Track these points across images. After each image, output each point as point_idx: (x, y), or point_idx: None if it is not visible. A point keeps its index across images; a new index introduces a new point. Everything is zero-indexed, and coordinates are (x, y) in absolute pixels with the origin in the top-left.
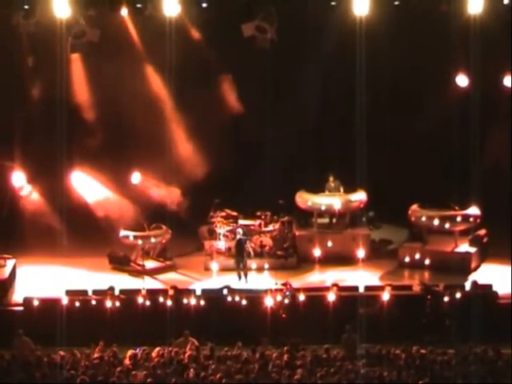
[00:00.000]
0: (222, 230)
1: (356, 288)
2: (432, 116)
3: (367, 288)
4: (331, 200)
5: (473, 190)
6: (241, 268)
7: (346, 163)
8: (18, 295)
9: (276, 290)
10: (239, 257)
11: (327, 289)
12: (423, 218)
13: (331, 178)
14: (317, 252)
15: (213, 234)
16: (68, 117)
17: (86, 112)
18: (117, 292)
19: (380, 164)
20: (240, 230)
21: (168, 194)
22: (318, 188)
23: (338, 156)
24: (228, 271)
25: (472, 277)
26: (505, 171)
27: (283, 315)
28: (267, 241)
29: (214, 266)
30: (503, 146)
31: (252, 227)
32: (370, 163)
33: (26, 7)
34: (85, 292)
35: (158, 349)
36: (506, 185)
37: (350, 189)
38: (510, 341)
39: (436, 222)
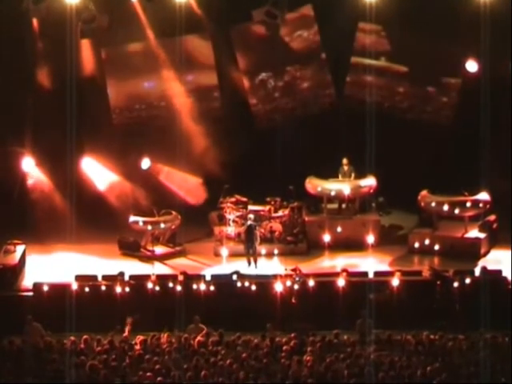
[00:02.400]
0: (231, 215)
1: (366, 274)
2: (442, 102)
3: (377, 274)
4: (341, 186)
5: (483, 175)
6: (250, 254)
7: (356, 149)
8: (27, 281)
9: (286, 275)
10: (249, 242)
11: (337, 274)
12: (433, 204)
13: (345, 161)
14: (326, 238)
15: (222, 220)
16: (78, 103)
17: (96, 98)
18: (126, 277)
19: (390, 149)
20: (251, 216)
21: (179, 180)
22: (328, 174)
23: (348, 142)
24: (238, 257)
25: (482, 262)
26: None
27: (293, 301)
28: (277, 226)
29: (224, 251)
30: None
31: (262, 213)
32: (380, 149)
33: None
34: (94, 277)
35: (167, 334)
36: None
37: (361, 174)
38: None
39: (446, 207)
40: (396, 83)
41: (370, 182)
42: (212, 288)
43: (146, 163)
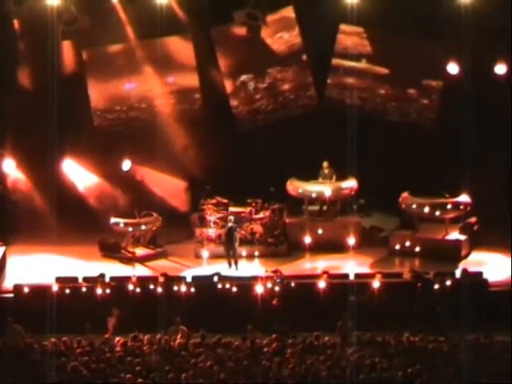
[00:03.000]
0: (212, 217)
1: (346, 275)
2: (423, 104)
3: (358, 275)
4: (322, 187)
5: (463, 177)
6: (231, 255)
7: (337, 151)
8: (8, 282)
9: (266, 277)
10: (229, 244)
11: (318, 276)
12: (414, 206)
13: (325, 164)
14: (307, 239)
15: (203, 222)
16: (59, 104)
17: (77, 99)
18: (107, 279)
19: (371, 151)
20: (231, 218)
21: (160, 182)
22: (309, 175)
23: (329, 143)
24: (218, 258)
25: (462, 264)
26: (495, 159)
27: (274, 302)
28: (258, 228)
29: (205, 253)
30: (494, 134)
31: (243, 214)
32: (361, 151)
33: None
34: (75, 279)
35: (148, 336)
36: (496, 172)
37: (342, 176)
38: (499, 328)
39: (426, 209)
40: (377, 85)
41: (350, 183)
42: (193, 289)
43: (126, 165)
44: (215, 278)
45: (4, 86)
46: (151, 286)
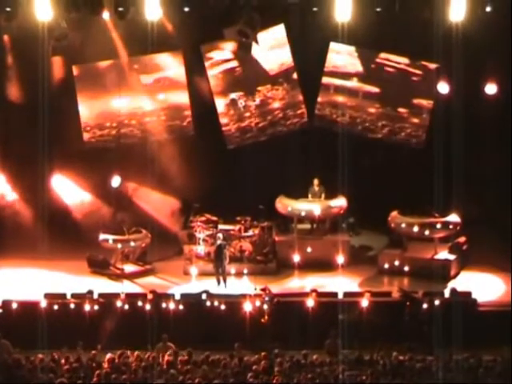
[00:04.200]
0: (201, 234)
1: (335, 294)
2: (414, 123)
3: (346, 294)
4: (311, 206)
5: (453, 197)
6: (220, 273)
7: (327, 169)
8: None
9: (255, 295)
10: (218, 262)
11: (306, 294)
12: (403, 225)
13: (316, 182)
14: (296, 258)
15: (192, 239)
16: (49, 120)
17: (67, 115)
18: (96, 296)
19: (361, 170)
20: (220, 235)
21: (149, 198)
22: (299, 194)
23: (319, 162)
24: (207, 276)
25: (451, 284)
26: (485, 179)
27: (264, 320)
28: (247, 246)
29: (194, 270)
30: (484, 153)
31: (232, 232)
32: (351, 169)
33: (8, 9)
34: (63, 295)
35: (136, 353)
36: (486, 192)
37: (331, 195)
38: (489, 348)
39: (416, 228)
40: (367, 104)
41: (340, 202)
42: (181, 307)
43: (116, 181)
44: (204, 296)
45: None
46: (140, 303)
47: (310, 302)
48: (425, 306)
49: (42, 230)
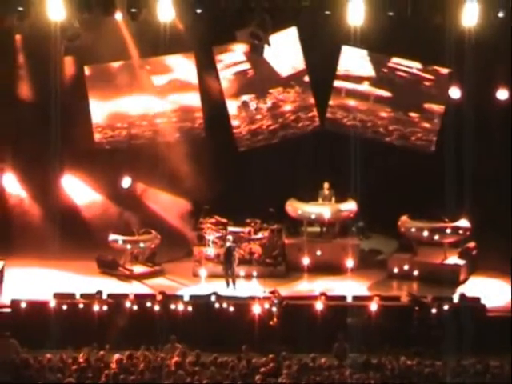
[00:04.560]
0: (211, 236)
1: (344, 298)
2: (425, 127)
3: (355, 298)
4: (321, 209)
5: (463, 202)
6: (229, 275)
7: (338, 172)
8: (5, 297)
9: (264, 297)
10: (228, 264)
11: (315, 298)
12: (413, 229)
13: (326, 185)
14: (306, 261)
15: (202, 241)
16: (60, 120)
17: (78, 115)
18: (105, 296)
19: (371, 174)
20: (229, 237)
21: (159, 200)
22: (309, 197)
23: (330, 165)
24: (216, 278)
25: (460, 289)
26: (495, 184)
27: (274, 322)
28: (256, 248)
29: (203, 272)
30: (495, 159)
31: (241, 234)
32: (362, 173)
33: (21, 9)
34: (73, 295)
35: (144, 354)
36: (496, 198)
37: (341, 198)
38: (497, 354)
39: (425, 233)
40: (379, 108)
41: (350, 206)
42: (190, 308)
43: (126, 182)
44: (213, 298)
45: (5, 100)
46: (148, 304)
47: (319, 305)
48: (434, 310)
49: (52, 229)
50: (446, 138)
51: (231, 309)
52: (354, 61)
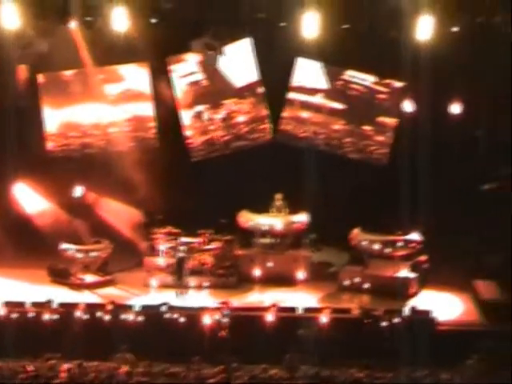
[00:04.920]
0: (163, 246)
1: (295, 309)
2: (378, 140)
3: (306, 310)
4: (273, 221)
5: (415, 215)
6: (180, 285)
7: (290, 184)
8: None
9: (215, 308)
10: (179, 274)
11: (266, 309)
12: (364, 242)
13: (278, 197)
14: (257, 272)
15: (154, 251)
16: (13, 127)
17: (31, 124)
18: (55, 305)
19: (324, 186)
20: (181, 248)
21: (111, 209)
22: (261, 208)
23: (282, 177)
24: (167, 288)
25: (411, 302)
26: (448, 198)
27: (224, 334)
28: (208, 259)
29: (154, 282)
30: (447, 173)
31: (193, 245)
32: (314, 185)
33: None
34: (23, 304)
35: (94, 363)
36: (448, 211)
37: (293, 210)
38: (448, 367)
39: (377, 246)
40: (332, 120)
41: (302, 218)
42: (140, 318)
43: (79, 191)
44: (163, 308)
45: None
46: (99, 314)
47: (270, 317)
48: (384, 323)
49: (3, 238)
50: (399, 152)
51: (182, 319)
52: (308, 73)
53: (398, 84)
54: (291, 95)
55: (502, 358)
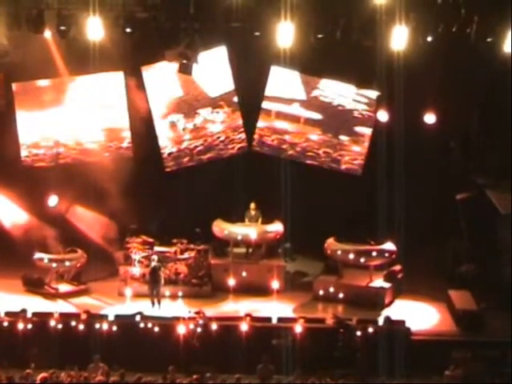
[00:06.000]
0: (137, 255)
1: (269, 319)
2: (354, 150)
3: (280, 319)
4: (247, 230)
5: (389, 225)
6: (154, 295)
7: (264, 193)
8: None
9: (189, 318)
10: (153, 283)
11: (240, 319)
12: (339, 252)
13: (252, 206)
14: (231, 281)
15: (128, 260)
16: None
17: (6, 133)
18: (29, 314)
19: (299, 196)
20: (155, 257)
21: (86, 218)
22: (235, 217)
23: (257, 186)
24: (142, 297)
25: (385, 312)
26: (422, 208)
27: (196, 343)
28: (182, 268)
29: (128, 291)
30: (421, 182)
31: (168, 254)
32: (289, 195)
33: None
34: None
35: (68, 373)
36: (422, 221)
37: (268, 219)
38: (420, 376)
39: (351, 256)
40: (308, 130)
41: (276, 227)
42: (115, 328)
43: (53, 200)
44: (137, 317)
45: None
46: (73, 323)
47: (244, 327)
48: (358, 333)
49: None
50: (373, 161)
51: (156, 329)
52: (283, 82)
53: (373, 93)
54: (266, 104)
55: (477, 367)
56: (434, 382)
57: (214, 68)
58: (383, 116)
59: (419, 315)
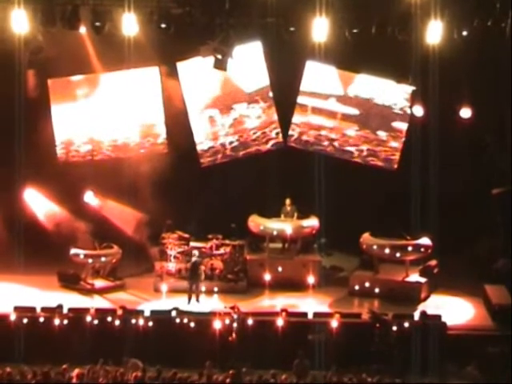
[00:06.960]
0: (173, 251)
1: (305, 314)
2: (391, 146)
3: (316, 314)
4: (283, 225)
5: (425, 220)
6: (193, 290)
7: (300, 189)
8: None
9: (224, 313)
10: (193, 279)
11: (276, 314)
12: (374, 247)
13: (288, 202)
14: (267, 277)
15: (164, 256)
16: (23, 133)
17: (41, 129)
18: (65, 310)
19: (334, 191)
20: (195, 252)
21: (121, 214)
22: (271, 213)
23: (293, 182)
24: (177, 293)
25: (421, 307)
26: (458, 202)
27: (232, 339)
28: (218, 264)
29: (164, 287)
30: (457, 177)
31: (203, 250)
32: (325, 190)
33: None
34: (33, 309)
35: (105, 368)
36: (458, 216)
37: (303, 215)
38: (457, 372)
39: (387, 250)
40: (345, 125)
41: (312, 222)
42: (151, 323)
43: (89, 196)
44: (173, 313)
45: None
46: (109, 319)
47: (280, 322)
48: (394, 328)
49: (13, 243)
50: (409, 156)
51: (192, 324)
52: (319, 77)
53: (409, 88)
54: (302, 100)
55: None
56: (469, 377)
57: (249, 63)
58: (418, 111)
59: (455, 310)
